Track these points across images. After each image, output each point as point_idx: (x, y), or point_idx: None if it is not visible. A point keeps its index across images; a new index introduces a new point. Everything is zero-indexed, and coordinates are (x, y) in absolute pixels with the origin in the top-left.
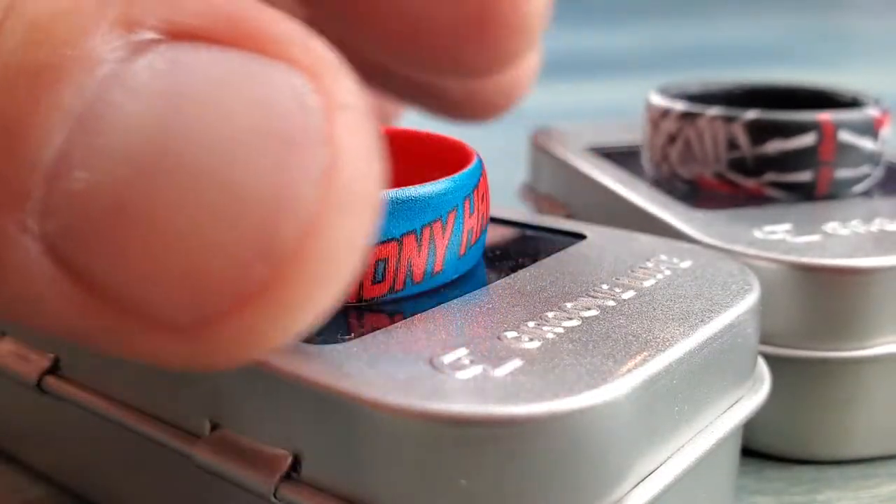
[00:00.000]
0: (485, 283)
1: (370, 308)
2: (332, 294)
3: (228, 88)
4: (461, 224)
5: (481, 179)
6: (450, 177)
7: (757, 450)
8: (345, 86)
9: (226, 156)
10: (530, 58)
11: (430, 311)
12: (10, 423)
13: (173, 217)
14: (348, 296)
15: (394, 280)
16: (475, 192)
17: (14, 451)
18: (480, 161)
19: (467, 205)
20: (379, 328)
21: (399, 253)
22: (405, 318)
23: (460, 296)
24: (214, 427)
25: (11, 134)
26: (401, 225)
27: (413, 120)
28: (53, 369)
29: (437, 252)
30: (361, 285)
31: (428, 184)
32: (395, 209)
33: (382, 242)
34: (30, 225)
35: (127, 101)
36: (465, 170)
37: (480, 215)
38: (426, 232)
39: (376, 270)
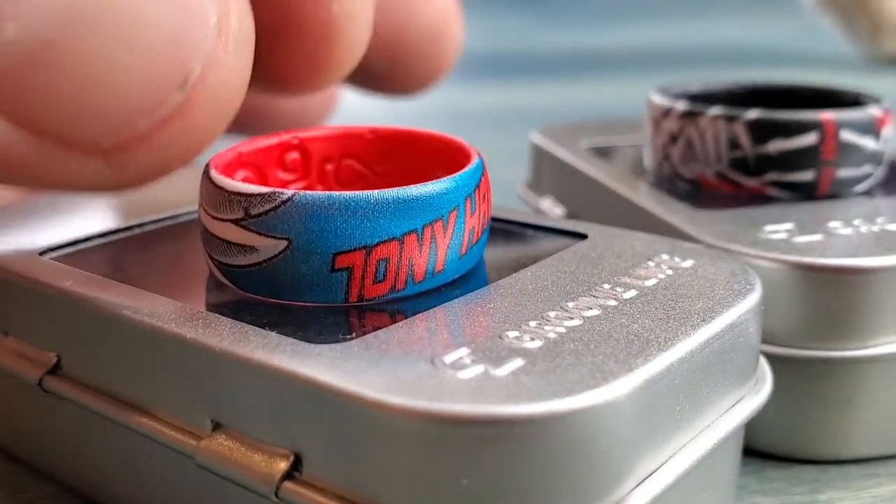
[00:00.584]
0: (486, 283)
1: (372, 307)
2: (224, 120)
3: None
4: (462, 223)
5: (482, 179)
6: (451, 176)
7: (758, 449)
8: None
9: (139, 4)
10: (450, 30)
11: (431, 311)
12: (12, 422)
13: (97, 56)
14: (350, 295)
15: (395, 279)
16: (476, 192)
17: (16, 451)
18: (481, 160)
19: (468, 204)
20: (380, 327)
21: (400, 252)
22: (406, 317)
23: (462, 295)
24: (216, 426)
25: None
26: (402, 224)
27: (411, 121)
28: (55, 369)
29: (439, 251)
30: (363, 285)
31: (429, 183)
32: (397, 208)
33: (384, 241)
34: None
35: None
36: (467, 169)
37: (482, 214)
38: (427, 231)
39: (377, 270)
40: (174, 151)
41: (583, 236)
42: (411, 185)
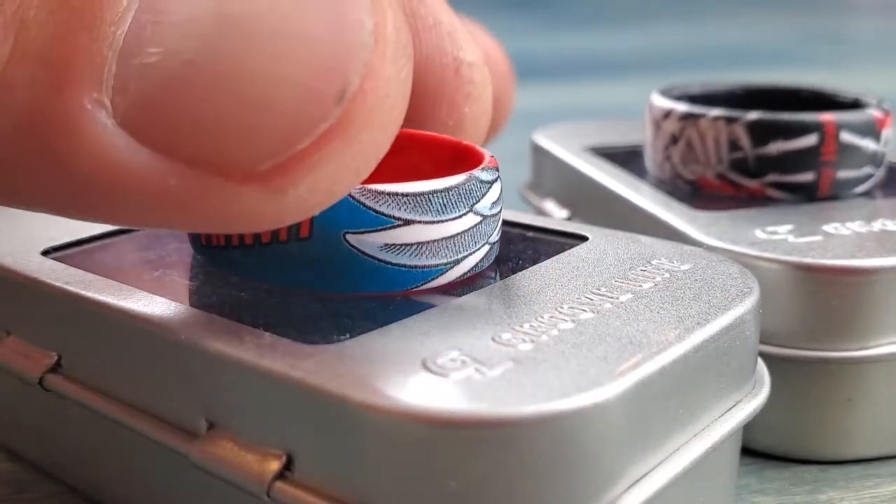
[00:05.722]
0: (484, 285)
1: (366, 307)
2: (387, 135)
3: None
4: None
5: None
6: None
7: (758, 450)
8: None
9: (290, 11)
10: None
11: (425, 312)
12: (14, 420)
13: (248, 73)
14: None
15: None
16: None
17: (18, 449)
18: None
19: None
20: (374, 328)
21: None
22: (401, 318)
23: (459, 297)
24: (211, 426)
25: (86, 16)
26: None
27: None
28: (55, 368)
29: None
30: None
31: None
32: None
33: None
34: (104, 101)
35: None
36: None
37: None
38: None
39: None
40: (336, 171)
41: (583, 238)
42: None
